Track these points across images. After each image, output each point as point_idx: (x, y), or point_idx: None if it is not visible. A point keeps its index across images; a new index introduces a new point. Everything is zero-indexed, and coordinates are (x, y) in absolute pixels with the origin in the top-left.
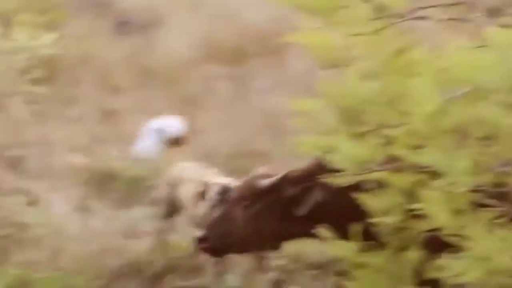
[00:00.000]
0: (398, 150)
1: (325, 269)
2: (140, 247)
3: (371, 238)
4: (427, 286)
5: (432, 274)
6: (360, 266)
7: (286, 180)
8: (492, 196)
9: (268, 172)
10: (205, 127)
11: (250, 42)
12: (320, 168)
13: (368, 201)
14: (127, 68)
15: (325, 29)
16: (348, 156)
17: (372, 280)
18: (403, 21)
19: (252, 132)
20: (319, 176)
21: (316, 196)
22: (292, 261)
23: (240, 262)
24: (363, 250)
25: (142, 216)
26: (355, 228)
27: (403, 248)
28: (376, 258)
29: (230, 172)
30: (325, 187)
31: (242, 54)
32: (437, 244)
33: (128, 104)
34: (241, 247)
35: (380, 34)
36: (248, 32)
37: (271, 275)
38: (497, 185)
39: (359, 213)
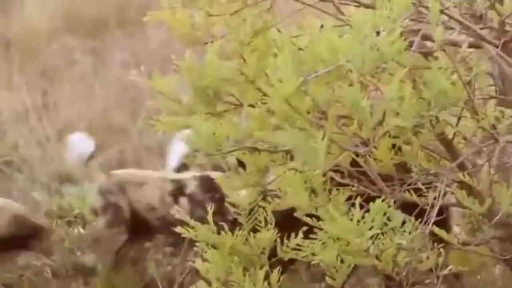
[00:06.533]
0: (256, 130)
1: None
2: None
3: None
4: (281, 266)
5: (286, 255)
6: (214, 247)
7: None
8: (349, 175)
9: None
10: (62, 101)
11: (110, 13)
12: None
13: (223, 181)
14: None
15: (185, 7)
16: (204, 136)
17: (225, 261)
18: (263, 1)
19: (110, 106)
20: None
21: None
22: None
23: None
24: (217, 231)
25: None
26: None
27: (258, 228)
28: (229, 239)
29: None
30: None
31: (102, 26)
32: (292, 224)
33: None
34: None
35: (240, 14)
36: (108, 4)
37: None
38: (354, 165)
39: None
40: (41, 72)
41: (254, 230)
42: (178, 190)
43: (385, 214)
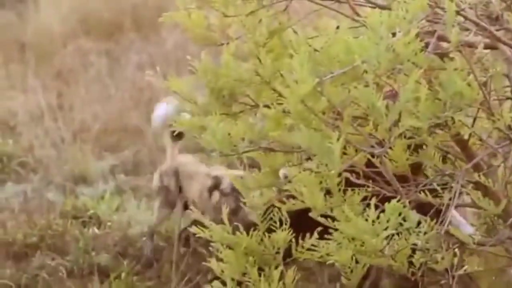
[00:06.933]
0: (271, 131)
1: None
2: (8, 224)
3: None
4: (296, 266)
5: (301, 255)
6: (229, 247)
7: None
8: (364, 176)
9: None
10: (78, 102)
11: (125, 15)
12: None
13: (238, 181)
14: (0, 43)
15: (200, 9)
16: (219, 137)
17: (240, 261)
18: (279, 2)
19: (125, 108)
20: None
21: None
22: None
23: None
24: (232, 232)
25: (12, 193)
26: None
27: (273, 228)
28: (244, 239)
29: (101, 148)
30: None
31: (117, 28)
32: (307, 225)
33: (1, 80)
34: None
35: (255, 15)
36: (123, 6)
37: None
38: (369, 165)
39: None
40: (56, 74)
41: (269, 230)
42: (215, 186)
43: (400, 214)
